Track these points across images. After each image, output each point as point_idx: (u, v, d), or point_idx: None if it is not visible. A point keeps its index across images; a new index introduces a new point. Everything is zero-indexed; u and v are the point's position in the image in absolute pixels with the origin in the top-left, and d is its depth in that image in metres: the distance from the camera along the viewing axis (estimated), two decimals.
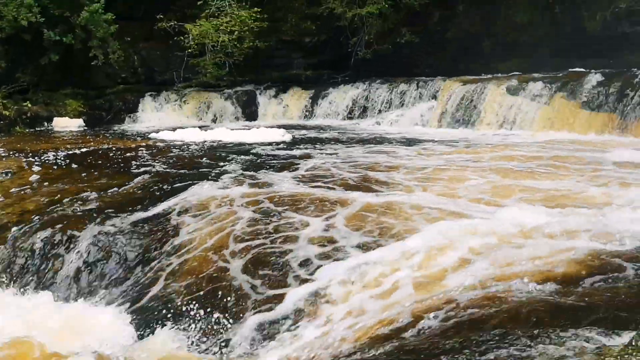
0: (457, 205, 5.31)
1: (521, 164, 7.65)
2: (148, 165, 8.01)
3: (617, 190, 5.97)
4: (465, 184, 6.36)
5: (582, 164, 7.64)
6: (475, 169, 7.31)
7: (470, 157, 8.36)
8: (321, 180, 6.68)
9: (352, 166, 7.69)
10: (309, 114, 15.80)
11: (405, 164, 7.78)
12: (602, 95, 11.77)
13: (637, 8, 14.53)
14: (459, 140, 10.69)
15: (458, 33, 15.62)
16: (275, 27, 15.81)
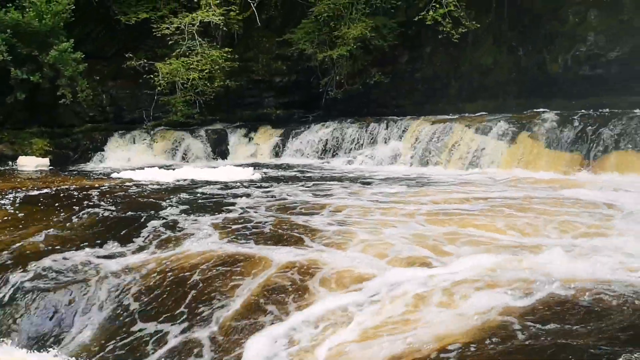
0: (367, 265, 4.79)
1: (468, 206, 7.49)
2: (81, 210, 7.39)
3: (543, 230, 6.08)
4: (389, 232, 5.87)
5: (534, 204, 7.67)
6: (411, 213, 7.01)
7: (418, 199, 8.15)
8: (247, 230, 6.10)
9: (295, 209, 7.39)
10: (279, 153, 15.82)
11: (348, 206, 7.48)
12: (565, 135, 12.05)
13: (596, 52, 15.07)
14: (422, 180, 10.75)
15: (426, 74, 15.96)
16: (246, 67, 15.95)
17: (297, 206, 7.64)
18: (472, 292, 3.97)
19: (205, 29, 15.07)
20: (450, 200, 8.04)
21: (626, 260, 4.78)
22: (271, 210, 7.35)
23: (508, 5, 15.36)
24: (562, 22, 15.30)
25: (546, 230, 6.11)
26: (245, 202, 7.99)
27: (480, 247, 5.34)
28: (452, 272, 4.42)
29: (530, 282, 4.07)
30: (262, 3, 15.65)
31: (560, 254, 4.86)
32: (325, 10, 14.80)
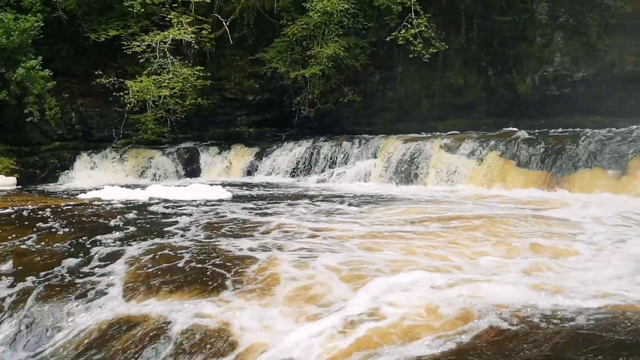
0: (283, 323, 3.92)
1: (420, 227, 7.27)
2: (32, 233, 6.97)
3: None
4: (320, 262, 5.19)
5: (494, 223, 7.62)
6: (351, 236, 6.66)
7: (372, 219, 7.96)
8: (159, 270, 5.13)
9: (233, 231, 6.96)
10: (252, 171, 15.73)
11: (294, 228, 7.13)
12: (534, 153, 12.23)
13: (563, 72, 15.46)
14: (388, 198, 10.73)
15: (398, 93, 16.14)
16: (219, 85, 15.90)
17: (236, 228, 7.23)
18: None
19: (177, 47, 15.01)
20: (403, 220, 7.88)
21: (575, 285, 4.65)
22: (203, 232, 6.95)
23: (477, 27, 15.66)
24: (529, 44, 15.66)
25: (495, 251, 5.96)
26: (184, 223, 7.64)
27: (411, 279, 4.62)
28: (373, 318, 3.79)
29: (462, 321, 3.64)
30: (235, 22, 15.68)
31: (502, 281, 4.60)
32: (298, 30, 14.88)
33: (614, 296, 4.14)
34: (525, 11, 15.49)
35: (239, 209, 9.22)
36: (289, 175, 15.24)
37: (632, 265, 5.49)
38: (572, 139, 12.10)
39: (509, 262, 5.51)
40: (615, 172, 10.96)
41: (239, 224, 7.57)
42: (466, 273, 4.98)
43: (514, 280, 4.58)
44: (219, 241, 6.25)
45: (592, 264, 5.58)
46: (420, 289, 4.30)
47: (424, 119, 16.14)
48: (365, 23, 15.27)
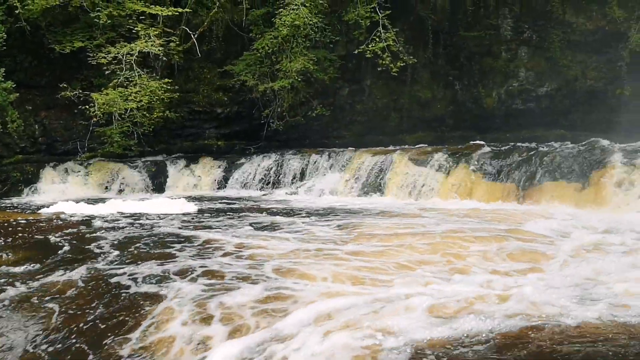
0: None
1: (359, 247, 7.08)
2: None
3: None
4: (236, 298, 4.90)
5: (450, 237, 7.67)
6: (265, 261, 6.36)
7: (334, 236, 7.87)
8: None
9: (159, 258, 6.58)
10: (221, 184, 15.58)
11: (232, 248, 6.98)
12: (500, 166, 12.41)
13: (527, 87, 15.79)
14: (349, 212, 10.73)
15: (366, 106, 16.24)
16: (187, 98, 15.75)
17: (156, 247, 7.08)
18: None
19: (145, 59, 14.83)
20: (350, 236, 7.80)
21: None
22: (116, 253, 6.79)
23: (444, 42, 15.90)
24: (495, 59, 15.97)
25: (438, 274, 5.78)
26: (110, 240, 7.51)
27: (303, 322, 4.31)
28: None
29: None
30: (203, 35, 15.58)
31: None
32: (267, 44, 14.87)
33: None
34: (490, 27, 15.80)
35: (182, 223, 9.17)
36: (258, 189, 15.15)
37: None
38: (537, 152, 12.32)
39: (448, 290, 5.05)
40: (579, 185, 11.17)
41: (162, 242, 7.43)
42: (382, 305, 4.63)
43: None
44: (122, 269, 5.95)
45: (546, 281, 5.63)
46: (313, 337, 3.91)
47: (393, 132, 16.27)
48: (333, 37, 15.34)
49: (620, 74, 14.97)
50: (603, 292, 4.96)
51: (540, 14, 15.50)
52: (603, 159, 11.14)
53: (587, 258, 6.46)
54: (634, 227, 8.62)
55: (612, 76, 15.17)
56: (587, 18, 15.30)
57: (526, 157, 12.26)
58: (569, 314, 4.28)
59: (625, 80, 14.87)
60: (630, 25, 14.77)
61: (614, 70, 15.08)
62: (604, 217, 9.67)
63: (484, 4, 15.86)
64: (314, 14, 14.63)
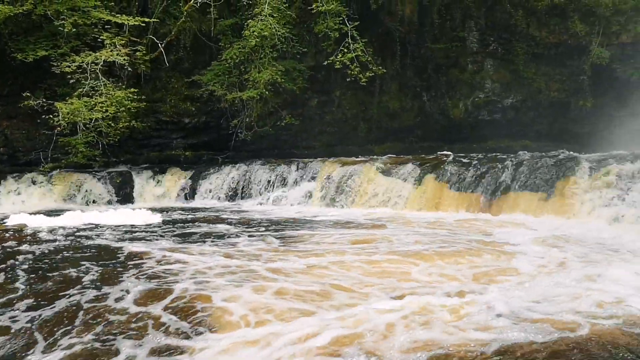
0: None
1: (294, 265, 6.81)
2: None
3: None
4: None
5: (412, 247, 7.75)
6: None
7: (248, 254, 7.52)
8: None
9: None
10: (189, 195, 15.37)
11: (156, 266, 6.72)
12: (467, 176, 12.53)
13: (493, 98, 16.06)
14: (310, 222, 10.74)
15: (335, 117, 16.28)
16: (154, 108, 15.54)
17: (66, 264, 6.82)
18: None
19: (110, 68, 14.61)
20: (294, 250, 7.64)
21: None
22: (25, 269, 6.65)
23: (412, 54, 16.07)
24: (461, 71, 16.20)
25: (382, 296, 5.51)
26: (34, 254, 7.39)
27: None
28: None
29: None
30: (171, 44, 15.43)
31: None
32: (235, 54, 14.81)
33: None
34: (457, 39, 16.04)
35: (124, 235, 9.05)
36: (227, 199, 15.00)
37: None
38: (503, 163, 12.49)
39: (376, 318, 4.66)
40: (544, 195, 11.35)
41: (75, 257, 7.23)
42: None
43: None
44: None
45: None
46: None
47: (362, 142, 16.34)
48: (302, 48, 15.36)
49: (582, 87, 15.36)
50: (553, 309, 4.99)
51: (504, 27, 15.81)
52: (567, 169, 11.35)
53: (549, 271, 6.53)
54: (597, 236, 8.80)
55: (574, 88, 15.55)
56: (550, 32, 15.67)
57: (492, 168, 12.41)
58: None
59: (587, 92, 15.26)
60: (591, 39, 15.18)
61: (577, 83, 15.46)
62: (568, 226, 9.85)
63: (451, 16, 16.10)
64: (282, 25, 14.65)
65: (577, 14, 15.35)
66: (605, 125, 15.27)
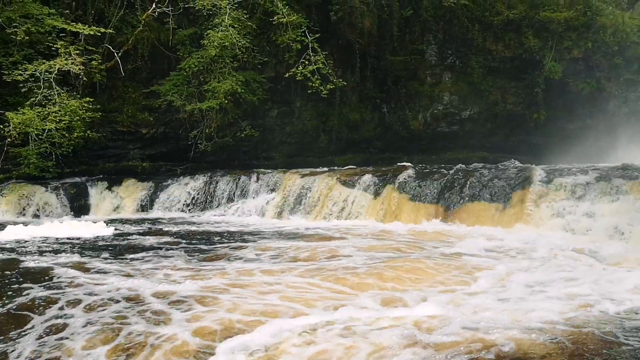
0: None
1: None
2: None
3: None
4: None
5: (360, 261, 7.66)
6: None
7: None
8: None
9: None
10: (146, 207, 15.04)
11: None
12: (425, 187, 12.64)
13: (451, 110, 16.33)
14: (264, 234, 10.61)
15: (296, 128, 16.25)
16: (110, 117, 15.19)
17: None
18: None
19: (65, 77, 14.22)
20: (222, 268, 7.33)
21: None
22: None
23: (372, 66, 16.21)
24: (421, 83, 16.45)
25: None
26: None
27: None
28: None
29: None
30: (128, 53, 15.13)
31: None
32: (194, 64, 14.65)
33: None
34: (416, 52, 16.29)
35: (52, 247, 8.81)
36: (186, 211, 14.75)
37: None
38: (460, 174, 12.65)
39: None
40: (500, 205, 11.54)
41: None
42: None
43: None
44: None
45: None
46: None
47: (322, 153, 16.35)
48: (262, 58, 15.31)
49: (536, 99, 15.77)
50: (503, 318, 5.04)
51: (462, 41, 16.14)
52: (522, 180, 11.58)
53: (504, 283, 6.60)
54: (551, 245, 8.98)
55: (529, 101, 15.95)
56: (506, 46, 16.07)
57: (451, 179, 12.56)
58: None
59: (541, 105, 15.68)
60: (544, 54, 15.64)
61: (531, 96, 15.87)
62: (524, 236, 10.02)
63: (410, 30, 16.34)
64: (242, 36, 14.58)
65: (531, 30, 15.81)
66: (558, 137, 15.71)
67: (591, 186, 10.59)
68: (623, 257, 8.04)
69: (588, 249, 8.67)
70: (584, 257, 8.12)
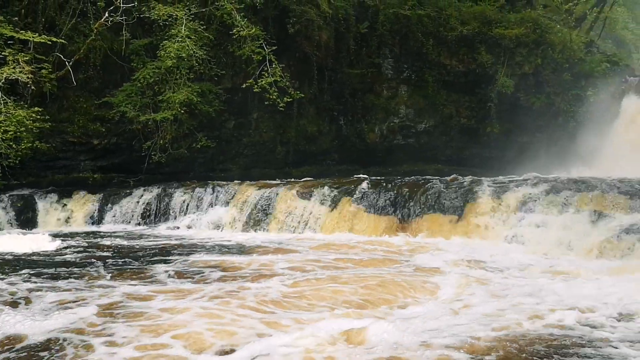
0: None
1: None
2: None
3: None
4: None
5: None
6: None
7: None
8: None
9: None
10: (98, 219, 14.62)
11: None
12: (382, 199, 12.71)
13: (407, 123, 16.54)
14: (208, 249, 10.47)
15: (253, 139, 16.14)
16: (60, 128, 14.75)
17: None
18: None
19: (13, 86, 13.75)
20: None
21: None
22: None
23: (329, 78, 16.29)
24: (377, 96, 16.62)
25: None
26: None
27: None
28: None
29: None
30: (79, 62, 14.75)
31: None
32: (149, 75, 14.41)
33: None
34: (372, 65, 16.47)
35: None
36: (139, 224, 14.40)
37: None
38: (416, 186, 12.79)
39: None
40: (454, 217, 11.70)
41: None
42: None
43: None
44: None
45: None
46: None
47: (279, 165, 16.28)
48: (219, 70, 15.18)
49: (489, 113, 16.13)
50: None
51: (417, 56, 16.42)
52: (475, 192, 11.78)
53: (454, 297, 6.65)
54: (501, 257, 9.14)
55: (482, 115, 16.31)
56: (459, 61, 16.43)
57: (406, 191, 12.67)
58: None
59: (494, 119, 16.04)
60: (497, 68, 16.04)
61: (484, 110, 16.23)
62: (475, 247, 10.18)
63: (366, 43, 16.52)
64: (199, 47, 14.44)
65: (484, 45, 16.20)
66: (510, 150, 16.08)
67: (541, 198, 10.85)
68: (570, 269, 8.24)
69: (537, 261, 8.87)
70: (532, 268, 8.29)
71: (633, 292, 6.49)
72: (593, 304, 6.05)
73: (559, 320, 5.51)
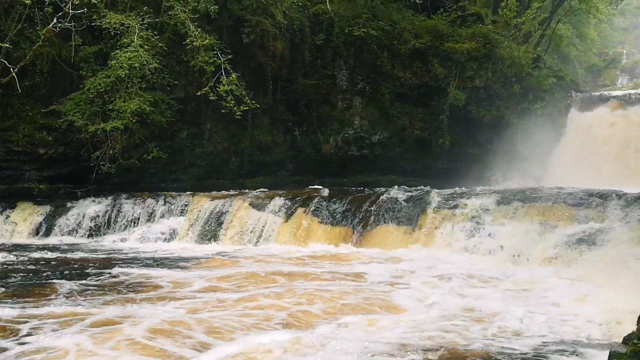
0: None
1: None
2: None
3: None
4: None
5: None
6: None
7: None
8: None
9: None
10: (43, 232, 14.09)
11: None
12: (336, 210, 12.73)
13: (362, 134, 16.65)
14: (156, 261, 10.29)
15: (206, 150, 15.90)
16: (4, 137, 14.17)
17: None
18: None
19: None
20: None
21: None
22: None
23: (283, 89, 16.24)
24: (332, 107, 16.68)
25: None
26: None
27: None
28: None
29: None
30: (25, 69, 14.22)
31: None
32: (100, 84, 14.03)
33: None
34: (327, 76, 16.53)
35: None
36: (87, 236, 13.94)
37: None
38: (370, 197, 12.86)
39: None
40: (409, 228, 11.81)
41: None
42: None
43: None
44: None
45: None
46: None
47: (233, 176, 16.09)
48: (171, 80, 14.91)
49: (442, 126, 16.39)
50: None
51: (372, 68, 16.57)
52: (427, 203, 11.93)
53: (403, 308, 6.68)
54: (453, 267, 9.25)
55: (435, 127, 16.56)
56: (413, 73, 16.67)
57: (361, 202, 12.72)
58: None
59: (446, 131, 16.31)
60: (449, 81, 16.35)
61: (437, 122, 16.49)
62: (429, 257, 10.31)
63: (321, 54, 16.57)
64: (151, 56, 14.17)
65: (437, 59, 16.49)
66: (462, 161, 16.37)
67: (492, 209, 11.08)
68: (520, 278, 8.41)
69: (488, 271, 9.02)
70: (485, 279, 8.42)
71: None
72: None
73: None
